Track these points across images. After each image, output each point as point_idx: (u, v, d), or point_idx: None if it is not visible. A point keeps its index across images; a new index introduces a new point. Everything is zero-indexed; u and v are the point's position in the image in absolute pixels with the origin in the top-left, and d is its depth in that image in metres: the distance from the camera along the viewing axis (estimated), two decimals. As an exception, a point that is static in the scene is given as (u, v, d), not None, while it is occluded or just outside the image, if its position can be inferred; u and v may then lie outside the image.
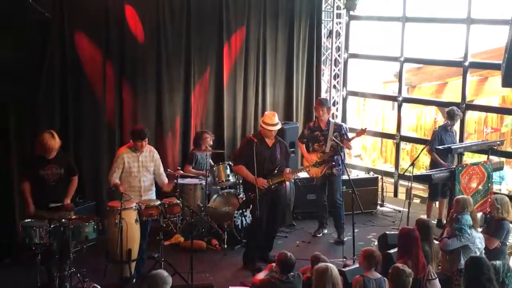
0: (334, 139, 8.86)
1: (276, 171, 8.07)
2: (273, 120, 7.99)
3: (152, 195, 7.77)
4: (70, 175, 7.35)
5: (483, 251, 6.87)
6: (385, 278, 5.83)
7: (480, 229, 7.20)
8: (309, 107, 11.66)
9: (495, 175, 9.58)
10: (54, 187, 7.17)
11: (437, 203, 9.95)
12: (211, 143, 9.47)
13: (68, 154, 7.95)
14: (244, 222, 8.87)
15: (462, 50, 10.72)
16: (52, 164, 7.16)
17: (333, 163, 8.97)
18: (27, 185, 7.12)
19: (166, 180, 7.90)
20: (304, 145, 9.31)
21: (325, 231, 9.45)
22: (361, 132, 9.29)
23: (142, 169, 7.60)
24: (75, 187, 7.44)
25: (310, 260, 6.37)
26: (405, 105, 12.09)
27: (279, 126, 8.09)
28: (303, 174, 9.59)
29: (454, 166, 9.22)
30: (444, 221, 9.18)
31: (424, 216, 9.62)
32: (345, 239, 8.94)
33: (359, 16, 12.18)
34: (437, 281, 6.17)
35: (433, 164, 9.58)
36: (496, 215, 7.08)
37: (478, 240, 6.81)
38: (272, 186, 8.02)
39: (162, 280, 5.11)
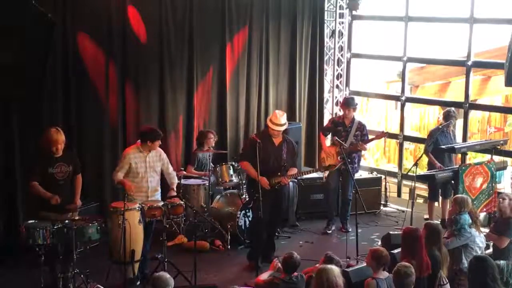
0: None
1: (282, 171, 8.05)
2: (279, 120, 7.94)
3: (158, 196, 7.76)
4: (75, 173, 7.35)
5: (484, 250, 6.86)
6: (393, 276, 5.83)
7: (483, 229, 7.17)
8: (312, 107, 11.65)
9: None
10: (62, 186, 7.16)
11: (437, 203, 9.92)
12: (213, 144, 9.47)
13: (73, 152, 7.96)
14: (248, 222, 8.85)
15: (465, 49, 10.71)
16: (60, 162, 7.16)
17: (349, 160, 9.02)
18: (37, 184, 7.08)
19: (175, 181, 7.86)
20: (326, 138, 9.56)
21: (333, 227, 9.51)
22: (381, 135, 9.51)
23: (149, 170, 7.59)
24: (81, 186, 7.43)
25: (323, 258, 6.32)
26: (408, 105, 12.10)
27: (284, 127, 8.04)
28: (310, 175, 9.61)
29: (458, 166, 9.22)
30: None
31: (427, 216, 9.65)
32: (349, 229, 9.16)
33: (361, 16, 12.17)
34: (448, 286, 6.16)
35: (430, 165, 9.56)
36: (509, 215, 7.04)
37: (478, 239, 6.79)
38: (276, 186, 8.02)
39: (165, 282, 5.19)
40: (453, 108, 9.82)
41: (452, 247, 6.73)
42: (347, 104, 9.42)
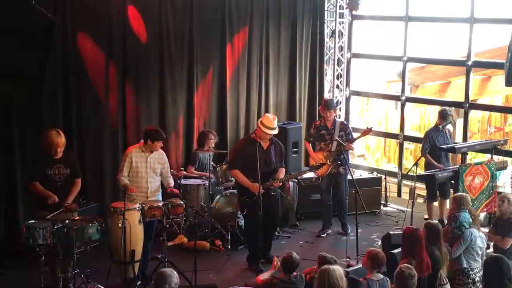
0: (338, 139, 8.89)
1: (272, 175, 8.02)
2: (273, 124, 7.88)
3: (159, 196, 7.76)
4: (74, 177, 7.34)
5: (484, 250, 6.86)
6: (387, 278, 5.82)
7: (483, 229, 7.16)
8: (312, 107, 11.64)
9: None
10: (60, 187, 7.17)
11: (436, 203, 9.92)
12: (213, 144, 9.47)
13: (74, 154, 7.95)
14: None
15: (465, 49, 10.71)
16: (59, 163, 7.16)
17: (339, 162, 9.01)
18: (38, 184, 7.10)
19: (172, 182, 7.87)
20: (310, 144, 9.40)
21: (329, 231, 9.47)
22: (366, 131, 9.40)
23: (149, 170, 7.58)
24: (78, 190, 7.43)
25: (317, 260, 6.33)
26: (408, 105, 12.09)
27: (276, 131, 8.01)
28: (306, 175, 9.58)
29: (458, 166, 9.21)
30: (446, 221, 9.16)
31: (427, 216, 9.64)
32: (349, 230, 9.21)
33: (361, 16, 12.16)
34: (448, 286, 6.16)
35: (427, 166, 9.53)
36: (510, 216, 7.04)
37: (479, 239, 6.79)
38: (272, 192, 7.99)
39: (169, 279, 5.26)
40: (448, 108, 9.78)
41: (458, 254, 6.69)
42: (327, 106, 9.30)
